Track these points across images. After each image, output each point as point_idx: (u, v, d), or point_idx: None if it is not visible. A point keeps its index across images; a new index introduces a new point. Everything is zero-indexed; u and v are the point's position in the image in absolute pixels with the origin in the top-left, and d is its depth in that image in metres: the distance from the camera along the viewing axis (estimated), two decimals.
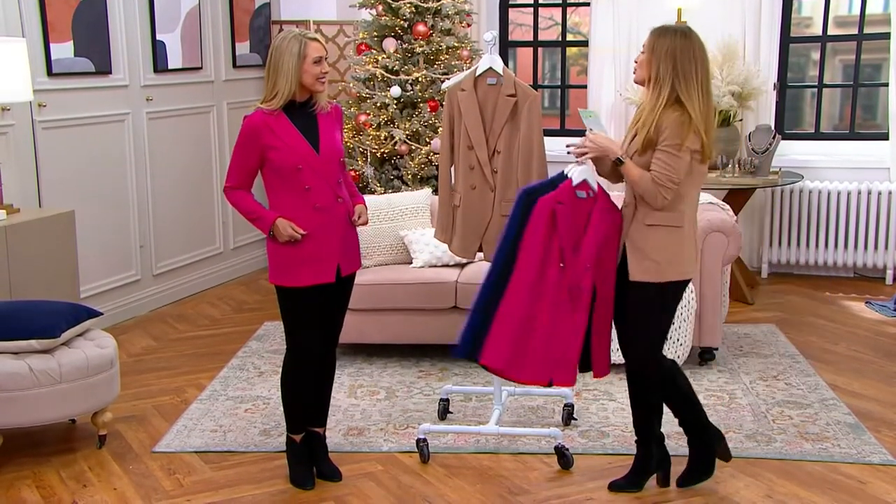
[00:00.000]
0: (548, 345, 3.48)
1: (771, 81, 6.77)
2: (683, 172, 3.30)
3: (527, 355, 3.48)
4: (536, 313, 3.47)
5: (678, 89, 3.27)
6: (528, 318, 3.47)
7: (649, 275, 3.38)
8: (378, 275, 5.07)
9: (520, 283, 3.48)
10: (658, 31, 3.35)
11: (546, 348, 3.48)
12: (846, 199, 6.69)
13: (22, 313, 3.98)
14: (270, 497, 3.68)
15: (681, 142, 3.27)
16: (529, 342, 3.47)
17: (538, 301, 3.47)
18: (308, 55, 3.46)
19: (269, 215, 3.55)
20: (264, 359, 5.23)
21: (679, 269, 3.41)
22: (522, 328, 3.47)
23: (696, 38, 3.32)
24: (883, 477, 3.75)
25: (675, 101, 3.29)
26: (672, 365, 3.59)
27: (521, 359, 3.48)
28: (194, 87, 6.62)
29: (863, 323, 5.83)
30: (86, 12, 5.63)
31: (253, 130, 3.50)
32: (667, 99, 3.28)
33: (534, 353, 3.48)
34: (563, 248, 3.47)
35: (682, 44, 3.28)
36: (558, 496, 3.64)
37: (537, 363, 3.49)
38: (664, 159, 3.28)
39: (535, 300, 3.47)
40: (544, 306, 3.47)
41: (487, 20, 7.34)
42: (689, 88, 3.27)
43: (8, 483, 3.81)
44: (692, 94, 3.27)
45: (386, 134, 6.25)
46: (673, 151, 3.27)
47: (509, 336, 3.47)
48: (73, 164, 5.58)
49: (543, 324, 3.47)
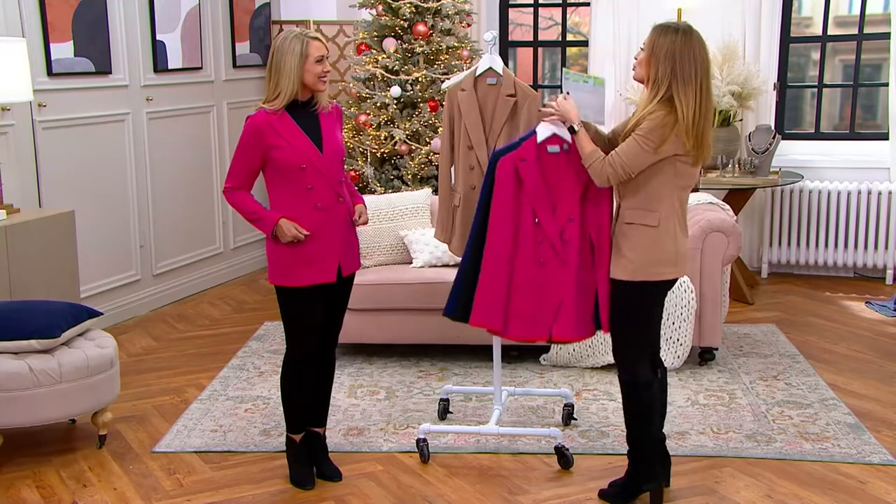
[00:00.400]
0: (537, 300, 3.56)
1: (771, 81, 6.78)
2: (639, 166, 3.25)
3: (514, 312, 3.58)
4: (517, 270, 3.57)
5: (674, 90, 3.23)
6: (510, 275, 3.57)
7: (623, 273, 3.36)
8: (378, 275, 5.07)
9: (495, 242, 3.59)
10: (659, 29, 3.31)
11: (535, 303, 3.56)
12: (846, 199, 6.69)
13: (22, 313, 3.98)
14: (270, 497, 3.68)
15: (654, 139, 3.21)
16: (514, 299, 3.57)
17: (517, 258, 3.57)
18: (310, 54, 3.46)
19: (271, 216, 3.55)
20: (264, 359, 5.23)
21: (652, 270, 3.33)
22: (506, 286, 3.57)
23: (697, 38, 3.28)
24: (883, 477, 3.75)
25: (667, 101, 3.24)
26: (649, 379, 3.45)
27: (509, 316, 3.59)
28: (194, 87, 6.62)
29: (863, 323, 5.83)
30: (86, 12, 5.63)
31: (256, 130, 3.49)
32: (661, 98, 3.25)
33: (520, 309, 3.57)
34: (534, 204, 3.54)
35: (682, 45, 3.24)
36: (558, 496, 3.64)
37: (527, 319, 3.58)
38: (628, 145, 3.26)
39: (513, 258, 3.57)
40: (526, 263, 3.57)
41: (487, 20, 7.34)
42: (686, 90, 3.22)
43: (8, 483, 3.81)
44: (689, 96, 3.22)
45: (386, 134, 6.25)
46: (640, 142, 3.23)
47: (494, 295, 3.58)
48: (73, 164, 5.58)
49: (527, 280, 3.56)
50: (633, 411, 3.48)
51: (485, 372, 4.90)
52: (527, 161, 3.55)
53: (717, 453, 3.95)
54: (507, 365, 4.95)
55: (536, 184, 3.55)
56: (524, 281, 3.57)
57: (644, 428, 3.47)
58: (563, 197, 3.53)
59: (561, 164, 3.54)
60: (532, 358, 5.06)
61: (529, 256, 3.57)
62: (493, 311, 3.59)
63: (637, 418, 3.47)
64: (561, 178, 3.54)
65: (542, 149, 3.56)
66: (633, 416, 3.48)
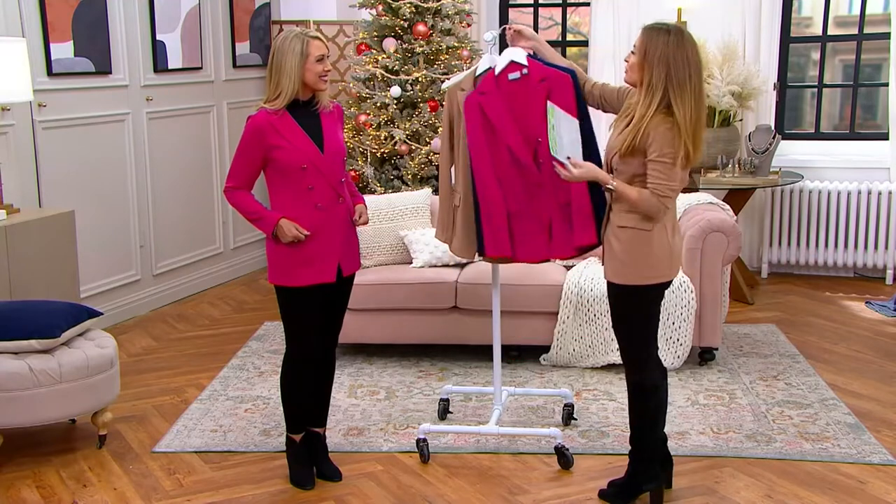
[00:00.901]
0: (530, 224, 3.74)
1: (771, 81, 6.77)
2: (679, 180, 3.25)
3: (518, 238, 3.76)
4: (509, 200, 3.73)
5: (671, 96, 3.17)
6: (505, 205, 3.73)
7: (616, 276, 3.36)
8: (378, 275, 5.07)
9: (481, 180, 3.74)
10: (650, 31, 3.23)
11: (529, 228, 3.74)
12: (846, 199, 6.69)
13: (22, 313, 3.98)
14: (270, 497, 3.68)
15: (676, 150, 3.18)
16: (514, 226, 3.75)
17: (504, 189, 3.72)
18: (310, 54, 3.46)
19: (271, 216, 3.54)
20: (264, 359, 5.23)
21: (648, 273, 3.32)
22: (504, 216, 3.74)
23: (689, 40, 3.21)
24: (883, 477, 3.75)
25: (665, 107, 3.19)
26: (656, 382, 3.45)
27: (515, 242, 3.77)
28: (194, 87, 6.62)
29: (863, 323, 5.83)
30: (86, 12, 5.63)
31: (258, 130, 3.49)
32: (657, 105, 3.19)
33: (520, 234, 3.75)
34: (504, 133, 3.67)
35: (675, 47, 3.17)
36: (558, 496, 3.64)
37: (527, 243, 3.76)
38: (661, 171, 3.20)
39: (501, 189, 3.73)
40: (511, 191, 3.72)
41: (487, 20, 7.34)
42: (682, 95, 3.17)
43: (8, 483, 3.81)
44: (685, 100, 3.17)
45: (386, 134, 6.25)
46: (668, 161, 3.19)
47: (495, 226, 3.74)
48: (73, 164, 5.58)
49: (518, 207, 3.73)
50: (639, 413, 3.47)
51: (485, 372, 4.90)
52: (487, 94, 3.69)
53: (717, 453, 3.95)
54: (507, 365, 4.95)
55: (501, 114, 3.68)
56: (516, 208, 3.74)
57: (649, 430, 3.48)
58: (529, 121, 3.66)
59: (522, 89, 3.66)
60: (532, 358, 5.06)
61: (514, 184, 3.73)
62: (500, 241, 3.77)
63: (643, 420, 3.47)
64: (524, 102, 3.66)
65: (502, 78, 3.69)
66: (639, 418, 3.48)
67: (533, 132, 3.68)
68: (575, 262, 5.21)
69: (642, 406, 3.45)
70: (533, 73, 3.65)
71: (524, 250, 3.79)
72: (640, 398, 3.45)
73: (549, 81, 3.65)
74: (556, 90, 3.64)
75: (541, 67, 3.69)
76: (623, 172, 3.30)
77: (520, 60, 3.66)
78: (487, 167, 3.73)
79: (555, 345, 4.94)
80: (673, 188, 3.24)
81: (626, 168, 3.29)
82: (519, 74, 3.66)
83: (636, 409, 3.47)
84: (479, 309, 4.93)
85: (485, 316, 4.88)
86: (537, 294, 4.91)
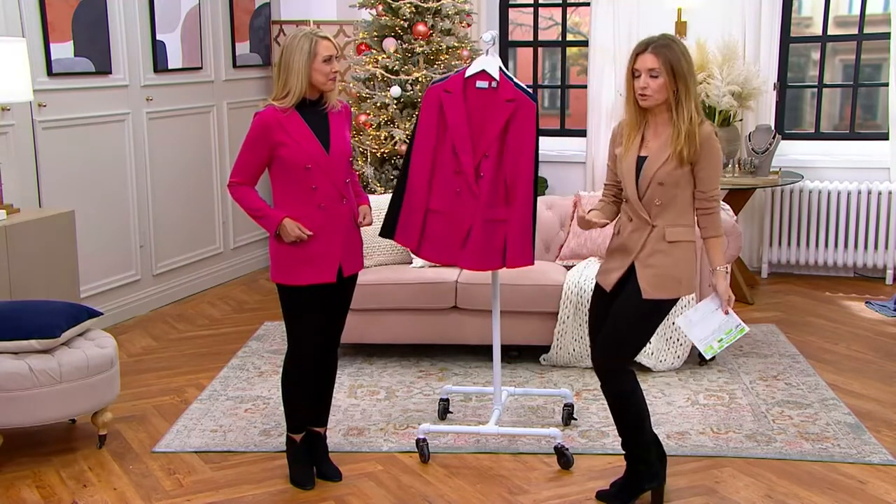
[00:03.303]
0: (448, 227, 3.78)
1: (771, 81, 6.77)
2: None
3: (428, 235, 3.81)
4: (434, 196, 3.78)
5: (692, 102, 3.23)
6: (427, 200, 3.79)
7: (664, 291, 3.33)
8: (378, 275, 5.07)
9: (416, 168, 3.79)
10: (663, 47, 3.22)
11: (446, 230, 3.78)
12: (846, 199, 6.69)
13: (22, 313, 3.98)
14: (270, 497, 3.68)
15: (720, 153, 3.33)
16: (429, 223, 3.80)
17: (435, 185, 3.78)
18: (318, 53, 3.45)
19: (275, 214, 3.54)
20: (264, 359, 5.23)
21: (690, 284, 3.39)
22: (423, 210, 3.79)
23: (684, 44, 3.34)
24: (883, 477, 3.75)
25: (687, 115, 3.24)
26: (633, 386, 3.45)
27: (423, 238, 3.82)
28: (194, 87, 6.62)
29: (863, 323, 5.83)
30: (86, 12, 5.63)
31: (264, 126, 3.48)
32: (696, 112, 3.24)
33: (433, 233, 3.80)
34: (454, 136, 3.71)
35: (686, 56, 3.24)
36: (558, 496, 3.64)
37: (438, 243, 3.81)
38: (716, 178, 3.31)
39: (431, 184, 3.78)
40: (442, 190, 3.77)
41: (487, 20, 7.34)
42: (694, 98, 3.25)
43: (8, 483, 3.81)
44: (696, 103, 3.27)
45: (386, 134, 6.25)
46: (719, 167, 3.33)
47: (412, 217, 3.80)
48: (73, 164, 5.58)
49: (442, 206, 3.78)
50: (623, 419, 3.48)
51: (485, 372, 4.90)
52: (452, 93, 3.72)
53: (717, 453, 3.95)
54: (507, 365, 4.95)
55: (458, 117, 3.71)
56: (439, 207, 3.79)
57: (638, 433, 3.48)
58: (482, 132, 3.70)
59: (486, 100, 3.70)
60: (532, 358, 5.06)
61: (446, 184, 3.77)
62: (410, 231, 3.83)
63: (630, 425, 3.47)
64: (484, 113, 3.70)
65: (470, 83, 3.73)
66: (625, 424, 3.48)
67: (483, 145, 3.72)
68: (575, 262, 5.22)
69: (625, 412, 3.46)
70: (502, 90, 3.69)
71: (429, 248, 3.84)
72: (622, 405, 3.45)
73: (516, 103, 3.69)
74: (521, 114, 3.69)
75: (511, 87, 3.72)
76: (669, 184, 3.28)
77: (492, 72, 3.68)
78: (426, 162, 3.78)
79: (555, 345, 4.94)
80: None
81: (672, 179, 3.28)
82: (487, 85, 3.70)
83: (620, 416, 3.48)
84: (479, 309, 4.93)
85: (485, 316, 4.88)
86: (537, 294, 4.91)
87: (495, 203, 3.74)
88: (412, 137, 3.86)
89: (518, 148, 3.70)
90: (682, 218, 3.34)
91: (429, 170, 3.79)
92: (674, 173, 3.27)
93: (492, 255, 3.78)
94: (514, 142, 3.71)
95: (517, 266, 3.80)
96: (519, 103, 3.70)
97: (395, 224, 3.89)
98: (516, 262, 3.78)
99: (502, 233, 3.75)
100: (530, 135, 3.69)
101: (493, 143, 3.71)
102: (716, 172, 3.32)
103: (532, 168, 3.73)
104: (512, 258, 3.77)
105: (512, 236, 3.74)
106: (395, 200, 3.90)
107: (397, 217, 3.88)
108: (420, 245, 3.86)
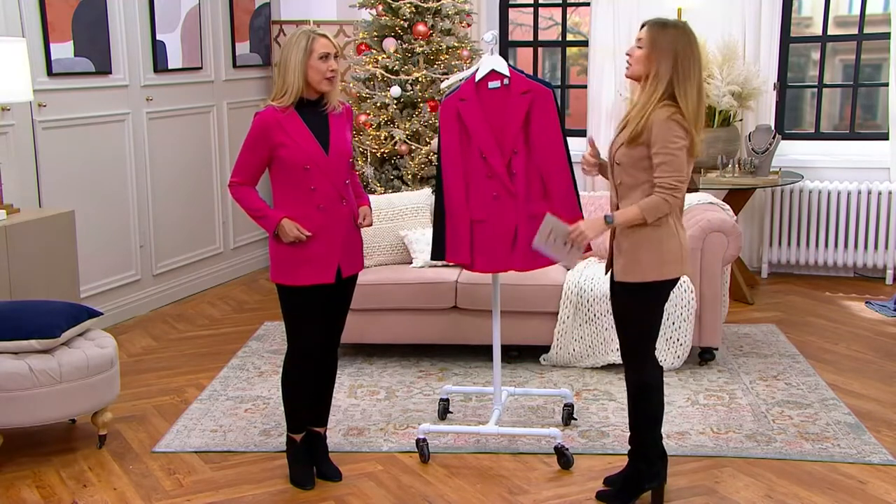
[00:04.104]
0: (494, 233, 3.75)
1: (771, 81, 6.77)
2: (684, 168, 3.27)
3: (478, 247, 3.78)
4: (474, 207, 3.76)
5: (675, 86, 3.22)
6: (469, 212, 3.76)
7: (629, 274, 3.35)
8: (378, 275, 5.07)
9: (450, 183, 3.77)
10: (657, 25, 3.28)
11: (493, 236, 3.75)
12: (846, 199, 6.69)
13: (22, 313, 3.98)
14: (270, 497, 3.68)
15: (681, 137, 3.21)
16: (476, 234, 3.77)
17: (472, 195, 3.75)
18: (314, 50, 3.44)
19: (274, 214, 3.54)
20: (264, 359, 5.23)
21: (663, 270, 3.33)
22: (468, 223, 3.76)
23: (693, 34, 3.30)
24: (883, 477, 3.75)
25: (669, 97, 3.23)
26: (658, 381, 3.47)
27: (475, 251, 3.79)
28: (194, 87, 6.62)
29: (863, 323, 5.83)
30: (86, 12, 5.63)
31: (264, 126, 3.48)
32: (661, 94, 3.22)
33: (482, 243, 3.77)
34: (479, 141, 3.69)
35: (683, 40, 3.24)
36: (558, 496, 3.64)
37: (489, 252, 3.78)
38: (667, 163, 3.20)
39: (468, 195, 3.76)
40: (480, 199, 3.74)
41: (487, 20, 7.34)
42: (686, 86, 3.22)
43: (8, 483, 3.81)
44: (689, 91, 3.22)
45: (386, 134, 6.25)
46: (674, 152, 3.21)
47: (459, 232, 3.77)
48: (73, 164, 5.58)
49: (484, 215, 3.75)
50: (642, 413, 3.46)
51: (485, 372, 4.90)
52: (467, 101, 3.72)
53: (717, 453, 3.95)
54: (507, 365, 4.95)
55: (478, 122, 3.71)
56: (481, 216, 3.76)
57: (652, 429, 3.47)
58: (505, 131, 3.69)
59: (501, 99, 3.69)
60: (532, 358, 5.06)
61: (483, 191, 3.75)
62: (460, 248, 3.81)
63: (646, 421, 3.47)
64: (502, 112, 3.69)
65: (482, 86, 3.73)
66: (641, 418, 3.47)
67: (509, 143, 3.71)
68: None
69: (645, 405, 3.45)
70: (514, 85, 3.69)
71: (483, 260, 3.81)
72: (642, 397, 3.44)
73: (531, 94, 3.68)
74: (539, 104, 3.67)
75: (523, 80, 3.71)
76: (625, 164, 3.30)
77: (501, 70, 3.67)
78: (458, 174, 3.75)
79: (555, 345, 4.94)
80: (681, 179, 3.25)
81: (628, 159, 3.29)
82: (499, 84, 3.69)
83: (639, 408, 3.46)
84: (479, 309, 4.93)
85: (485, 316, 4.88)
86: (537, 294, 4.91)
87: (534, 198, 3.70)
88: (438, 155, 3.83)
89: (544, 138, 3.68)
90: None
91: (463, 181, 3.75)
92: (629, 153, 3.27)
93: None
94: (538, 132, 3.68)
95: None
96: (535, 93, 3.68)
97: (443, 244, 3.84)
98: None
99: None
100: (554, 122, 3.67)
101: (518, 139, 3.68)
102: (663, 158, 3.21)
103: (563, 155, 3.69)
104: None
105: None
106: (437, 220, 3.86)
107: (444, 236, 3.83)
108: (473, 259, 3.81)
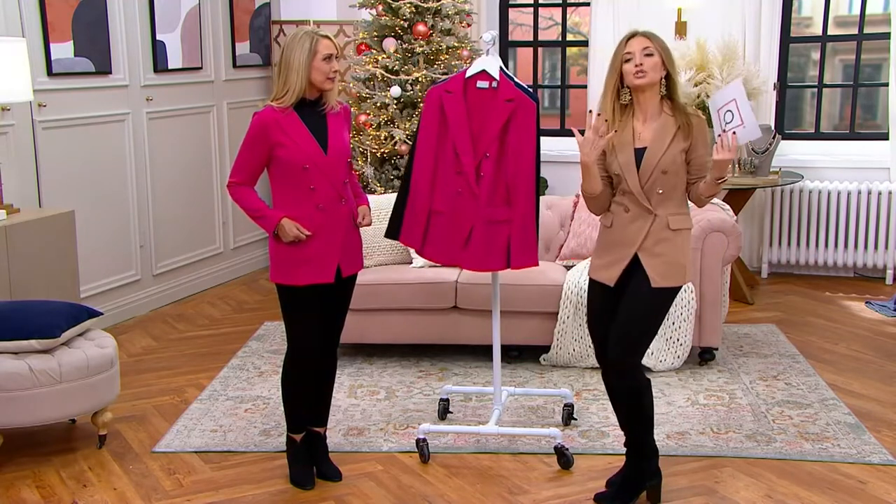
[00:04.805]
0: (450, 227, 3.79)
1: (771, 81, 6.77)
2: None
3: (431, 236, 3.83)
4: (437, 197, 3.79)
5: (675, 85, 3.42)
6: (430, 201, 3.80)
7: (673, 279, 3.36)
8: (378, 275, 5.07)
9: (419, 169, 3.81)
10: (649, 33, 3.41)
11: (448, 230, 3.79)
12: (846, 199, 6.69)
13: (22, 313, 3.98)
14: (270, 497, 3.68)
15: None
16: (432, 223, 3.82)
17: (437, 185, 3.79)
18: (318, 52, 3.45)
19: (273, 214, 3.54)
20: (264, 359, 5.23)
21: (689, 271, 3.43)
22: (426, 210, 3.80)
23: None
24: (883, 477, 3.75)
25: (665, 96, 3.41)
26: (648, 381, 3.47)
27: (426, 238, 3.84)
28: (194, 87, 6.62)
29: (863, 323, 5.83)
30: (86, 12, 5.63)
31: (262, 127, 3.49)
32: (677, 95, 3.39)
33: (436, 233, 3.81)
34: (455, 136, 3.73)
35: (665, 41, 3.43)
36: (558, 496, 3.64)
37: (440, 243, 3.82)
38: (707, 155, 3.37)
39: (434, 184, 3.79)
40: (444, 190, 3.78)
41: (487, 20, 7.34)
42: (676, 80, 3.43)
43: (8, 483, 3.81)
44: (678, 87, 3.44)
45: (386, 134, 6.25)
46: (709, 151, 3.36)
47: (416, 218, 3.82)
48: (73, 164, 5.58)
49: (444, 207, 3.78)
50: (636, 415, 3.46)
51: (485, 372, 4.90)
52: (453, 94, 3.74)
53: (717, 453, 3.95)
54: (507, 365, 4.95)
55: (459, 117, 3.73)
56: (441, 208, 3.80)
57: (649, 429, 3.48)
58: (483, 132, 3.72)
59: (486, 100, 3.72)
60: (532, 358, 5.06)
61: (448, 185, 3.78)
62: (414, 232, 3.85)
63: (641, 421, 3.47)
64: (484, 113, 3.72)
65: (470, 83, 3.75)
66: (637, 420, 3.47)
67: (483, 145, 3.73)
68: (575, 262, 5.22)
69: (639, 407, 3.45)
70: (502, 90, 3.72)
71: (432, 249, 3.87)
72: (636, 399, 3.44)
73: (515, 103, 3.71)
74: (520, 114, 3.70)
75: (511, 87, 3.73)
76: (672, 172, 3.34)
77: (492, 72, 3.70)
78: (429, 163, 3.80)
79: (555, 345, 4.94)
80: None
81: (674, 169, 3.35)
82: (487, 85, 3.72)
83: (634, 411, 3.46)
84: (479, 309, 4.93)
85: (485, 316, 4.88)
86: (537, 294, 4.91)
87: (496, 203, 3.75)
88: (415, 139, 3.87)
89: (518, 148, 3.71)
90: (682, 206, 3.41)
91: (431, 170, 3.81)
92: (677, 159, 3.33)
93: (494, 255, 3.78)
94: (514, 142, 3.71)
95: (521, 267, 3.80)
96: (518, 103, 3.70)
97: (399, 225, 3.90)
98: (520, 263, 3.79)
99: (505, 233, 3.75)
100: (530, 135, 3.70)
101: (492, 144, 3.72)
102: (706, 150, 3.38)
103: (533, 168, 3.74)
104: (516, 259, 3.78)
105: (515, 237, 3.75)
106: (399, 201, 3.91)
107: (402, 218, 3.89)
108: (423, 245, 3.88)
